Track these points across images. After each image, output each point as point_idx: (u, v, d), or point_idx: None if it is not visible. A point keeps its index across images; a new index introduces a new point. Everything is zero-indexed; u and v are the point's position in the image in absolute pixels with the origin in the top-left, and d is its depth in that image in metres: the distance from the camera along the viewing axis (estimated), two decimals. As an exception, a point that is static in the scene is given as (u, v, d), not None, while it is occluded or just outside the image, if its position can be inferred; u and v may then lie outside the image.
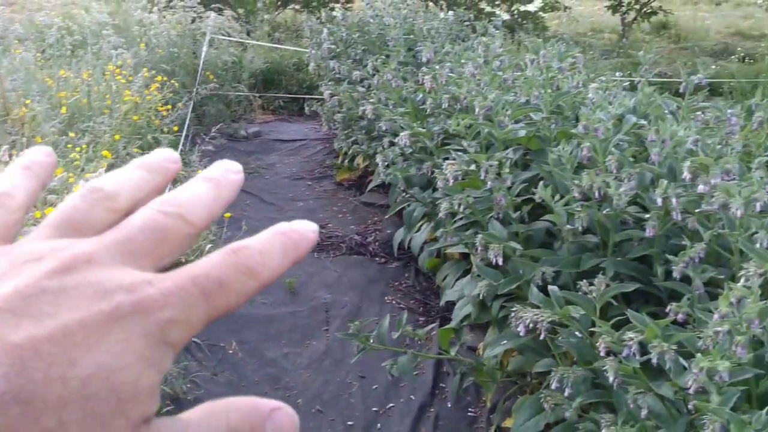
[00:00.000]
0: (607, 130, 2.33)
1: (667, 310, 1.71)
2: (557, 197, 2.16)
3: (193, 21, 6.42)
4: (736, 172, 1.94)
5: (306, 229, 0.31)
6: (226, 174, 0.33)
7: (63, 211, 0.31)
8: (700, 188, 1.91)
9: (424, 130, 3.31)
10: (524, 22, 9.10)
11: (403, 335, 2.39)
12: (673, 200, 1.89)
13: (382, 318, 2.42)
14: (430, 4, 9.63)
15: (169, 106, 4.28)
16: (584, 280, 1.93)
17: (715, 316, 1.31)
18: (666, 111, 2.75)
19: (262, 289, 0.30)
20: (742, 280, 1.43)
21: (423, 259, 3.48)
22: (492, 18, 5.37)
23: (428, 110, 3.42)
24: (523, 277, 2.20)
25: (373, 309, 3.52)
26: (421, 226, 3.56)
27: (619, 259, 2.05)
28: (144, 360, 0.26)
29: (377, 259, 4.02)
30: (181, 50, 5.66)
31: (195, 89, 5.13)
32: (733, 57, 8.73)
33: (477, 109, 2.61)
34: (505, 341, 2.24)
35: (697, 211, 1.92)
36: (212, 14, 6.54)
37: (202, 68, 6.00)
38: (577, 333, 1.82)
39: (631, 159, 2.25)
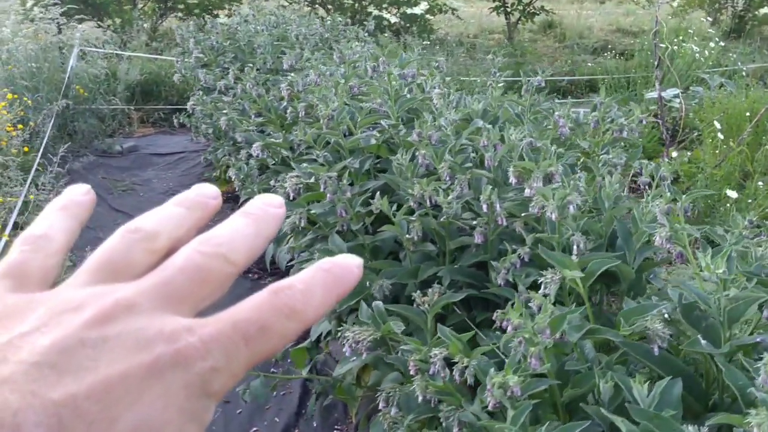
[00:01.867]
0: (446, 135, 2.31)
1: (493, 317, 1.68)
2: (403, 207, 2.12)
3: (59, 32, 6.09)
4: (561, 174, 1.94)
5: (349, 264, 0.31)
6: (265, 208, 0.33)
7: (102, 254, 0.31)
8: (526, 192, 1.90)
9: (280, 140, 3.22)
10: (410, 25, 9.15)
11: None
12: (497, 205, 1.87)
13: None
14: (320, 9, 9.57)
15: (20, 126, 4.00)
16: (418, 291, 1.89)
17: (509, 328, 1.28)
18: (513, 113, 2.76)
19: (304, 329, 0.29)
20: (542, 287, 1.41)
21: (292, 274, 3.39)
22: (366, 22, 5.33)
23: (289, 119, 3.33)
24: (366, 290, 2.14)
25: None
26: (289, 239, 3.46)
27: (455, 266, 2.03)
28: (185, 413, 0.25)
29: (250, 275, 3.89)
30: (44, 65, 5.34)
31: (57, 104, 4.85)
32: (606, 54, 9.07)
33: (321, 118, 2.54)
34: (354, 357, 2.18)
35: (522, 215, 1.91)
36: (81, 26, 6.22)
37: (71, 82, 5.69)
38: (407, 347, 1.77)
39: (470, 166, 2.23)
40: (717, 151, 4.18)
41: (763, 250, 1.65)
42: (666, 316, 1.48)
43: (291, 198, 2.34)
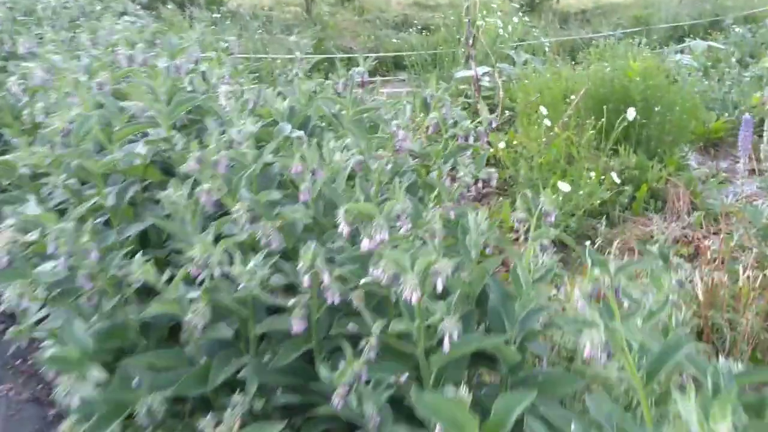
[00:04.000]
0: (241, 155, 1.62)
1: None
2: (183, 269, 1.39)
3: None
4: (410, 213, 1.34)
5: None
6: None
7: None
8: (364, 245, 1.28)
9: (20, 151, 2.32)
10: (197, -4, 8.14)
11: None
12: (325, 276, 1.23)
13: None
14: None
15: None
16: (210, 414, 1.21)
17: None
18: (328, 112, 2.12)
19: None
20: None
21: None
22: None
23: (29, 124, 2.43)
24: (134, 400, 1.40)
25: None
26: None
27: (266, 362, 1.36)
28: None
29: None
30: None
31: None
32: (411, 30, 8.75)
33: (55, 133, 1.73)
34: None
35: (362, 283, 1.29)
36: None
37: None
38: None
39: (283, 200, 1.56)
40: (539, 138, 3.87)
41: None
42: None
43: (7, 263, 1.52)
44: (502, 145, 4.36)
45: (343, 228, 1.29)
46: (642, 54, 5.48)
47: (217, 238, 1.39)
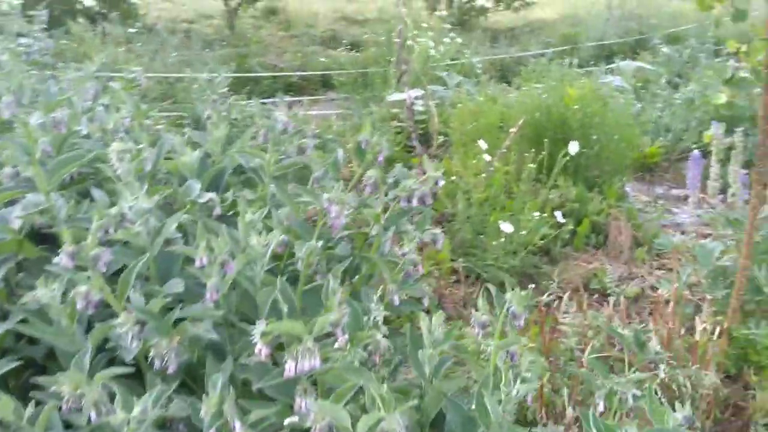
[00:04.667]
0: (134, 236, 1.30)
1: None
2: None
3: None
4: (346, 326, 1.06)
5: None
6: None
7: None
8: (288, 371, 0.99)
9: None
10: (110, 10, 7.63)
11: None
12: (237, 426, 0.93)
13: None
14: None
15: None
16: None
17: None
18: (246, 166, 1.83)
19: None
20: None
21: None
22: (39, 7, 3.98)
23: None
24: None
25: None
26: None
27: None
28: None
29: None
30: None
31: None
32: (339, 47, 8.49)
33: None
34: None
35: (286, 423, 0.99)
36: None
37: None
38: None
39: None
40: (477, 170, 3.66)
41: None
42: None
43: None
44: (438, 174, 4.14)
45: (261, 349, 1.00)
46: (571, 74, 5.40)
47: (102, 346, 1.08)
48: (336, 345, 1.05)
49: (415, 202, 1.64)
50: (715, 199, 3.07)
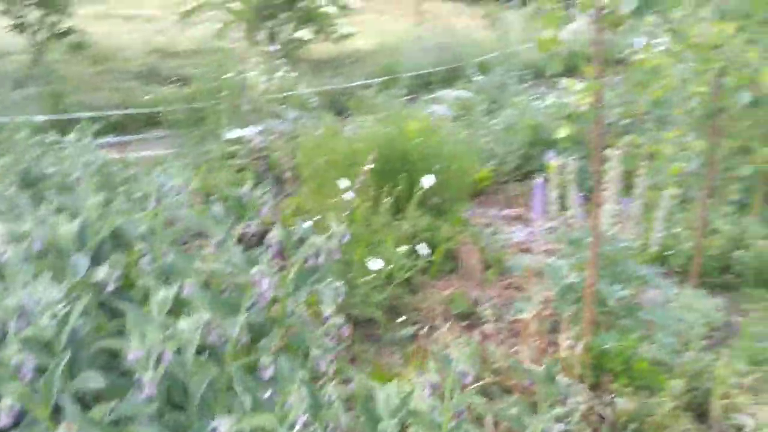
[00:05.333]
0: (40, 331, 1.17)
1: None
2: None
3: None
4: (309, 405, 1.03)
5: None
6: None
7: None
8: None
9: None
10: None
11: None
12: None
13: None
14: None
15: None
16: None
17: None
18: (136, 234, 1.72)
19: None
20: None
21: None
22: None
23: None
24: None
25: None
26: None
27: None
28: None
29: None
30: None
31: None
32: (163, 83, 8.17)
33: None
34: None
35: None
36: None
37: None
38: None
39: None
40: (335, 207, 3.69)
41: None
42: None
43: None
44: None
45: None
46: (398, 105, 5.64)
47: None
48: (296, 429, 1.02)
49: (321, 260, 1.63)
50: (556, 220, 3.35)
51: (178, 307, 1.36)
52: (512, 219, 5.20)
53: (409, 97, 8.39)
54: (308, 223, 1.65)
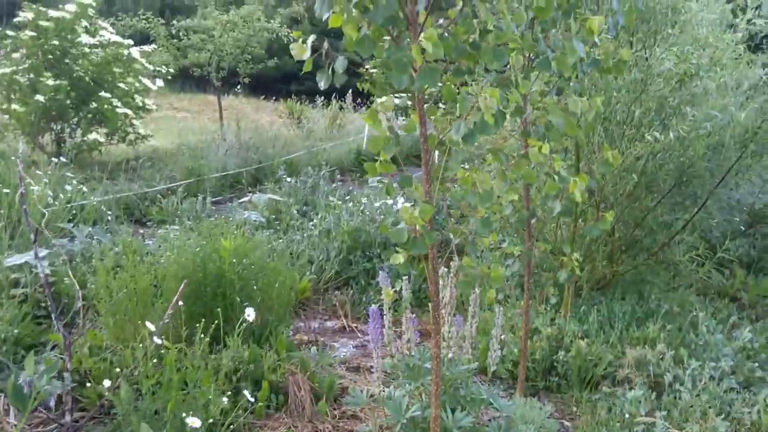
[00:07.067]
0: None
1: None
2: None
3: None
4: None
5: None
6: None
7: None
8: None
9: None
10: None
11: None
12: None
13: None
14: None
15: None
16: None
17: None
18: None
19: None
20: None
21: None
22: None
23: None
24: None
25: None
26: None
27: None
28: None
29: None
30: None
31: None
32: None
33: None
34: None
35: None
36: None
37: None
38: None
39: None
40: (138, 346, 3.18)
41: None
42: None
43: None
44: (86, 351, 3.53)
45: None
46: (207, 215, 5.26)
47: None
48: None
49: None
50: (391, 346, 3.14)
51: None
52: (337, 331, 4.95)
53: (215, 199, 7.98)
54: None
